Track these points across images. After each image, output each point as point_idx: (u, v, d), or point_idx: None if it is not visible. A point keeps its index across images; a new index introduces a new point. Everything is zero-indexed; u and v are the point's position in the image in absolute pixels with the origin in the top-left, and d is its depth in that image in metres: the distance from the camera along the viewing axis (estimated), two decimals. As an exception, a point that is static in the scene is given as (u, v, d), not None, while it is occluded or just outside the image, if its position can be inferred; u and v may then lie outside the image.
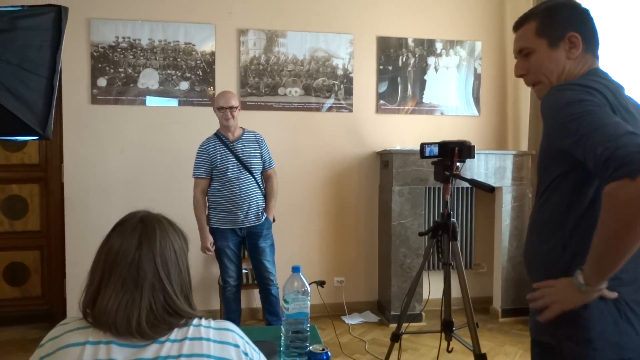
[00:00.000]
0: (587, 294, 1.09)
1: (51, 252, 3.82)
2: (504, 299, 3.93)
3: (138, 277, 0.94)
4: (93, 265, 0.99)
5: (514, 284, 3.94)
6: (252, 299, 3.89)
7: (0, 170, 3.72)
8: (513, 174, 3.96)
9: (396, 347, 2.68)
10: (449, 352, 2.54)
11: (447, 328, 2.49)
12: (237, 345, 0.97)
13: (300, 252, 3.94)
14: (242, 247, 3.24)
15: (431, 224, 3.96)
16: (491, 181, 3.92)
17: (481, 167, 3.93)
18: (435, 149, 2.30)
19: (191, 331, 0.95)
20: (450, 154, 2.22)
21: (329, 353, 1.28)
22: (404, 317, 2.61)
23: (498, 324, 3.85)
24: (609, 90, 1.15)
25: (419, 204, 3.82)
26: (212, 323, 0.99)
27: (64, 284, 3.74)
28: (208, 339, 0.95)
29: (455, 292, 3.76)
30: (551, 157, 1.22)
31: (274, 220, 3.26)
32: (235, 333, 0.99)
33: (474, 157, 2.31)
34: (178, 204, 3.51)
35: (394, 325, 3.71)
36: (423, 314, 3.82)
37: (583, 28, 1.27)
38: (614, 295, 1.12)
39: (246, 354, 0.97)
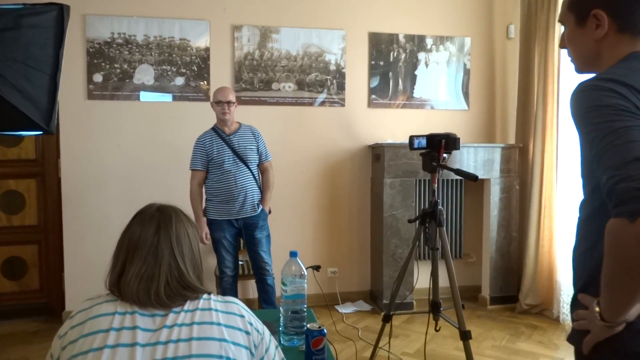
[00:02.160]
0: (613, 327, 0.99)
1: (49, 247, 3.88)
2: (492, 287, 4.06)
3: (157, 257, 1.07)
4: (116, 249, 1.11)
5: (501, 273, 4.07)
6: (249, 289, 3.98)
7: (-3, 166, 3.77)
8: (501, 166, 4.07)
9: (386, 333, 2.79)
10: (437, 331, 2.67)
11: (434, 309, 2.61)
12: (242, 316, 1.08)
13: (295, 244, 4.02)
14: (239, 238, 3.32)
15: (417, 215, 4.08)
16: (480, 173, 4.03)
17: (470, 160, 4.04)
18: (424, 141, 2.41)
19: (201, 303, 1.07)
20: (437, 146, 2.34)
21: (325, 330, 1.37)
22: (394, 299, 2.74)
23: (487, 311, 3.98)
24: None
25: (409, 196, 3.92)
26: (219, 297, 1.11)
27: (62, 277, 3.80)
28: (216, 310, 1.06)
29: (444, 278, 3.90)
30: (585, 166, 1.08)
31: (269, 212, 3.35)
32: (239, 305, 1.11)
33: (459, 149, 2.43)
34: (174, 197, 3.55)
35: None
36: (414, 302, 3.93)
37: (614, 4, 1.08)
38: None
39: (251, 324, 1.07)
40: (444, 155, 2.34)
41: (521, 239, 4.07)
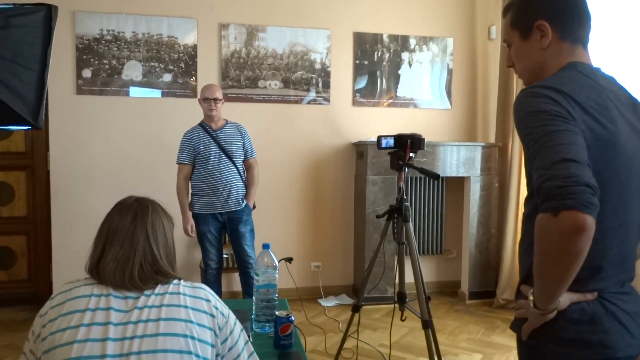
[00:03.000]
0: (545, 314, 1.08)
1: (37, 237, 3.95)
2: (471, 282, 4.18)
3: (133, 242, 1.18)
4: (97, 236, 1.22)
5: (480, 269, 4.19)
6: (233, 282, 4.07)
7: (-13, 158, 3.84)
8: (481, 164, 4.19)
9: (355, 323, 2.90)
10: (402, 320, 2.81)
11: (400, 300, 2.73)
12: (208, 300, 1.17)
13: (279, 238, 4.12)
14: (223, 232, 3.42)
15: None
16: (461, 171, 4.16)
17: (453, 158, 4.16)
18: (391, 141, 2.53)
19: (171, 287, 1.17)
20: (404, 146, 2.46)
21: (293, 317, 1.47)
22: (363, 290, 2.86)
23: (465, 306, 4.10)
24: (582, 91, 1.08)
25: (391, 193, 4.03)
26: (189, 283, 1.21)
27: (50, 267, 3.87)
28: (184, 294, 1.16)
29: (429, 276, 4.02)
30: (527, 166, 1.14)
31: (254, 207, 3.44)
32: (206, 291, 1.20)
33: (424, 149, 2.58)
34: (160, 191, 3.60)
35: (367, 307, 3.95)
36: (395, 296, 4.04)
37: (554, 14, 1.17)
38: (589, 297, 1.09)
39: (216, 308, 1.17)
40: (410, 154, 2.46)
41: (499, 236, 4.19)
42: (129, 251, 1.16)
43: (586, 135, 1.04)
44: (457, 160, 4.16)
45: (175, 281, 1.18)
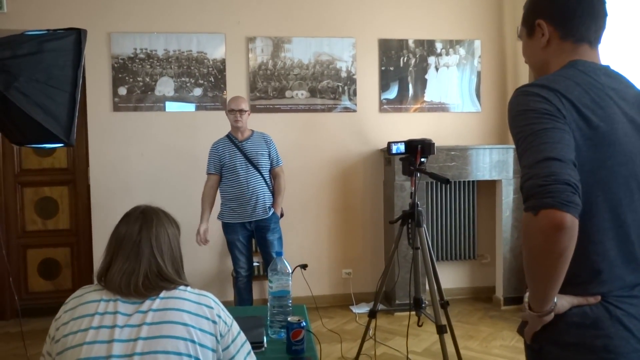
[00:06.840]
0: (541, 316, 1.07)
1: (80, 249, 4.16)
2: (505, 287, 4.09)
3: (138, 254, 1.24)
4: (107, 246, 1.30)
5: (515, 273, 4.09)
6: (265, 290, 4.14)
7: (33, 174, 4.08)
8: (514, 167, 4.10)
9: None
10: (420, 326, 2.84)
11: (417, 305, 2.72)
12: (211, 307, 1.23)
13: (309, 246, 4.17)
14: (253, 240, 3.49)
15: (430, 217, 4.16)
16: (493, 174, 4.08)
17: (485, 161, 4.09)
18: (402, 147, 2.54)
19: (177, 293, 1.23)
20: (414, 151, 2.45)
21: (303, 323, 1.51)
22: (379, 296, 2.88)
23: (500, 312, 4.01)
24: (577, 88, 1.06)
25: (419, 198, 4.00)
26: (195, 290, 1.26)
27: (91, 277, 4.03)
28: (189, 300, 1.22)
29: (452, 279, 3.96)
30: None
31: (282, 215, 3.50)
32: (211, 299, 1.25)
33: (434, 153, 2.57)
34: (194, 202, 3.77)
35: (399, 314, 3.94)
36: (426, 302, 4.00)
37: (554, 14, 1.16)
38: (592, 300, 1.08)
39: (219, 316, 1.22)
40: (422, 159, 2.46)
41: (535, 240, 4.07)
42: (134, 264, 1.22)
43: (576, 134, 1.03)
44: (489, 163, 4.09)
45: (182, 287, 1.24)
